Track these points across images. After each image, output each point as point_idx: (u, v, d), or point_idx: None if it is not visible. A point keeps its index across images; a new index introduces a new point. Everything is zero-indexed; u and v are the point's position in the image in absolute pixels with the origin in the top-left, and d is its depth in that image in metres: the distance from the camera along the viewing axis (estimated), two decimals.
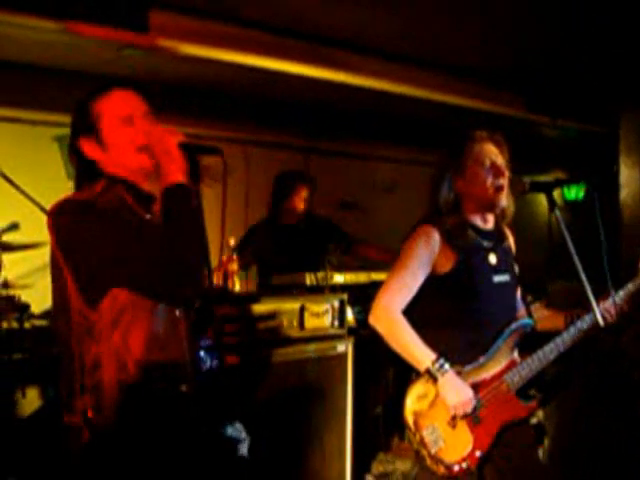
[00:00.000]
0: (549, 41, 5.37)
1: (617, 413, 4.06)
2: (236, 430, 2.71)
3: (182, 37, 4.32)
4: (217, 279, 4.01)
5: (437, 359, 2.86)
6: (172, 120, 4.87)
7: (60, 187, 2.52)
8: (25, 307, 4.23)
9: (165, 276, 2.20)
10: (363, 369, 4.24)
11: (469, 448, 2.89)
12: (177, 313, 2.36)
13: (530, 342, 3.03)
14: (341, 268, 4.86)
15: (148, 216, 2.36)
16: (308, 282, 4.53)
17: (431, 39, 5.34)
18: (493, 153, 3.04)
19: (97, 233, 2.21)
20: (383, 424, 4.78)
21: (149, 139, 2.32)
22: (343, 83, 5.52)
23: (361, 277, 4.86)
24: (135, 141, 2.34)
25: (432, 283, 2.99)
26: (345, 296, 4.21)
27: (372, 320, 2.99)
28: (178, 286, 2.25)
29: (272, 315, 3.83)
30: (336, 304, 4.15)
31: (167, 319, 2.33)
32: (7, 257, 4.39)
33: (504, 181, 3.02)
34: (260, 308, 3.80)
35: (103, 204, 2.27)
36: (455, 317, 2.99)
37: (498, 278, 3.05)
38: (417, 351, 2.91)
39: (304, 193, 5.27)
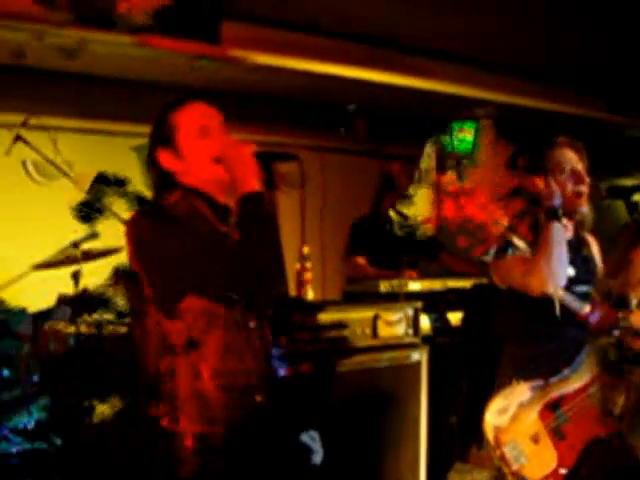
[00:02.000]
0: (630, 40, 5.24)
1: None
2: (311, 438, 2.70)
3: (254, 47, 4.36)
4: (292, 287, 4.02)
5: None
6: (248, 129, 4.95)
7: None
8: (104, 301, 4.33)
9: (240, 284, 2.23)
10: (438, 378, 4.18)
11: (553, 465, 2.78)
12: (251, 322, 2.37)
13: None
14: (431, 274, 4.85)
15: (223, 227, 2.38)
16: (382, 289, 4.50)
17: (509, 43, 5.28)
18: (573, 159, 2.99)
19: (172, 242, 2.24)
20: (459, 433, 4.71)
21: (224, 150, 2.35)
22: (418, 88, 5.49)
23: (436, 284, 4.81)
24: (211, 153, 2.36)
25: (514, 296, 2.94)
26: (419, 304, 4.16)
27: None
28: (252, 294, 2.27)
29: (345, 323, 3.81)
30: (410, 312, 4.09)
31: (241, 328, 2.35)
32: (86, 266, 4.51)
33: (584, 188, 2.97)
34: (333, 316, 3.78)
35: (179, 214, 2.31)
36: (537, 330, 2.93)
37: (579, 289, 2.97)
38: None
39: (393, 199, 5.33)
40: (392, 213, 5.37)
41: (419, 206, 6.58)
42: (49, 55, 4.53)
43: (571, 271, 2.99)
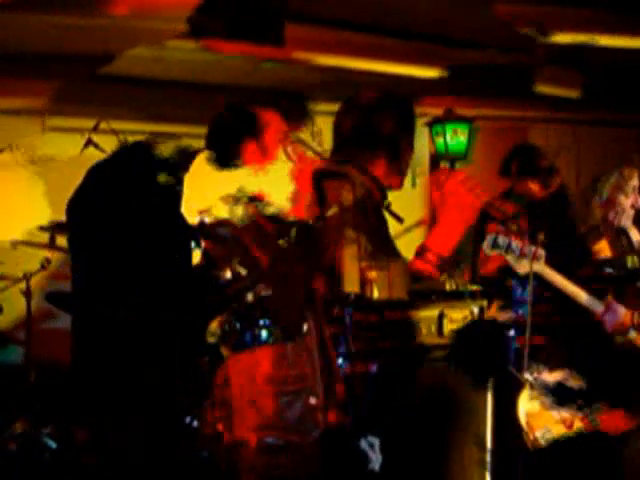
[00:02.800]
0: None
1: None
2: (369, 445, 2.72)
3: (317, 48, 4.38)
4: (355, 286, 4.02)
5: None
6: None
7: None
8: None
9: (279, 306, 2.28)
10: (504, 375, 4.15)
11: None
12: (304, 327, 2.41)
13: None
14: None
15: (281, 241, 2.42)
16: (448, 288, 4.47)
17: None
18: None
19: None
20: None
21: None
22: None
23: None
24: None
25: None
26: (485, 302, 4.14)
27: None
28: (288, 322, 2.32)
29: (410, 322, 3.81)
30: (476, 311, 4.08)
31: None
32: None
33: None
34: (397, 315, 3.79)
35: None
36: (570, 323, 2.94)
37: None
38: None
39: None
40: None
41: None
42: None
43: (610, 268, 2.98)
